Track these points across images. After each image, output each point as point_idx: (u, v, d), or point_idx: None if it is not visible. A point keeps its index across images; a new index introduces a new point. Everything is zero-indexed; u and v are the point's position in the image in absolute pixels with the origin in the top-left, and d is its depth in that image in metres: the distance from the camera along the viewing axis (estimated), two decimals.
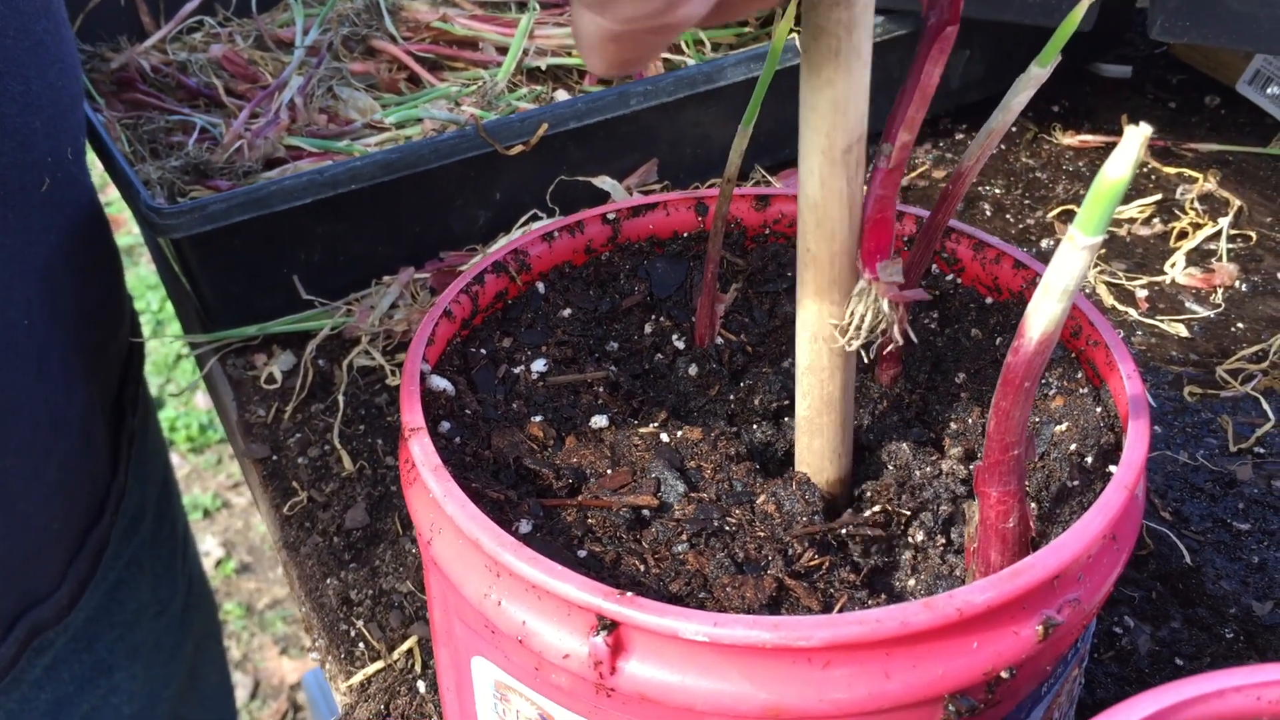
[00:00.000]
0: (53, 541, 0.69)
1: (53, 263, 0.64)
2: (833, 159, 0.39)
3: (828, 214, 0.40)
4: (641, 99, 0.81)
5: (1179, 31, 0.79)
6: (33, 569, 0.68)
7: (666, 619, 0.34)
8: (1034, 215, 0.86)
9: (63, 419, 0.67)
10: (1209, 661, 0.55)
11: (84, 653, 0.73)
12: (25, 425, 0.63)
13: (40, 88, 0.59)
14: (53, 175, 0.62)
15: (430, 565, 0.42)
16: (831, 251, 0.41)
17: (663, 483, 0.44)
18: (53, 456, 0.66)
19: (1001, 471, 0.38)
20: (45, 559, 0.69)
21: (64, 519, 0.70)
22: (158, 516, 0.81)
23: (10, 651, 0.67)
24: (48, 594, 0.70)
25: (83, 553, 0.72)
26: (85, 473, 0.72)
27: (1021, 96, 0.37)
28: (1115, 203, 0.31)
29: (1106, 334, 0.44)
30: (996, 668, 0.35)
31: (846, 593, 0.39)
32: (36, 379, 0.63)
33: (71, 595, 0.71)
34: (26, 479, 0.64)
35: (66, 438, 0.68)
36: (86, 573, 0.73)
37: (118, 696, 0.77)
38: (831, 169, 0.39)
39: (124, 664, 0.77)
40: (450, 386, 0.46)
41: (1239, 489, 0.63)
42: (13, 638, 0.67)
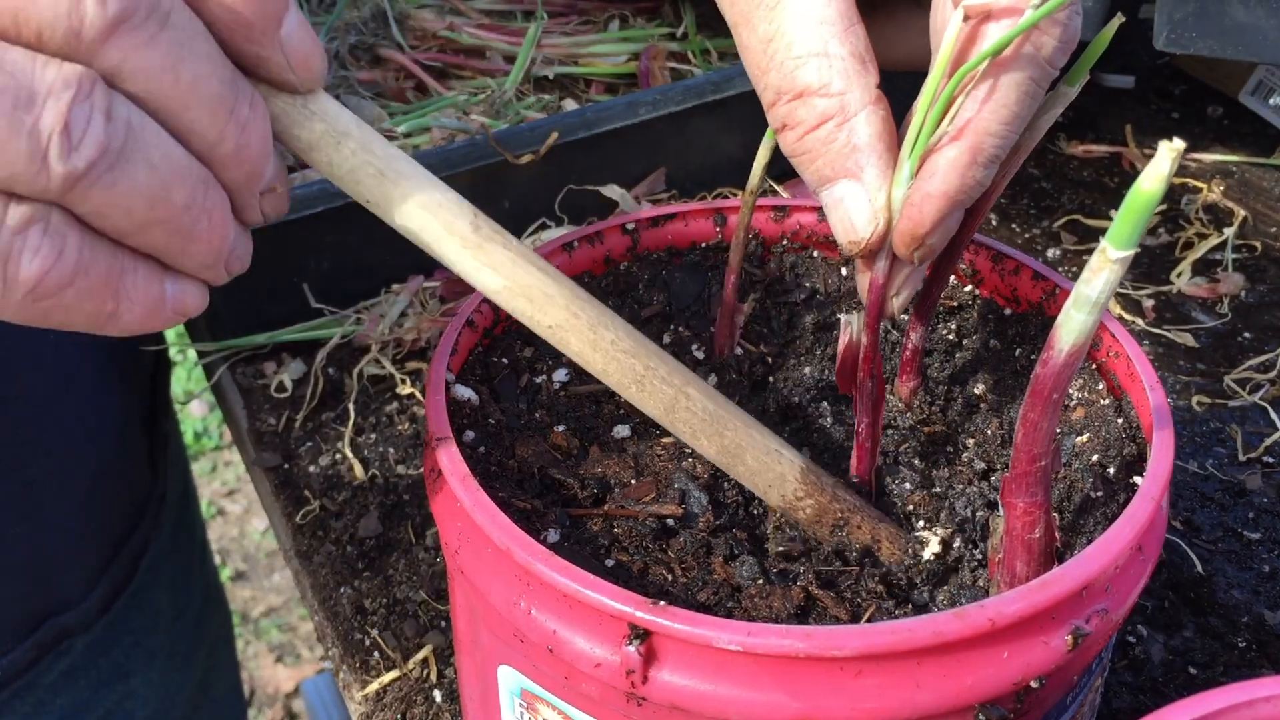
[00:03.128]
0: (84, 548, 0.69)
1: None
2: None
3: None
4: (650, 108, 0.81)
5: (1185, 42, 0.79)
6: (60, 575, 0.68)
7: (701, 628, 0.34)
8: (1040, 225, 0.86)
9: (96, 427, 0.67)
10: (1222, 670, 0.55)
11: (101, 658, 0.73)
12: (53, 434, 0.63)
13: None
14: None
15: (456, 574, 0.42)
16: None
17: (687, 493, 0.44)
18: (85, 465, 0.66)
19: (1028, 482, 0.38)
20: (75, 565, 0.69)
21: (98, 525, 0.70)
22: (176, 522, 0.81)
23: (29, 655, 0.67)
24: (76, 600, 0.70)
25: (119, 558, 0.72)
26: (122, 480, 0.72)
27: (1050, 114, 0.38)
28: (1148, 216, 0.31)
29: (1128, 345, 0.44)
30: (1026, 678, 0.35)
31: (874, 602, 0.40)
32: (65, 389, 0.63)
33: (103, 602, 0.71)
34: (55, 488, 0.64)
35: (100, 446, 0.68)
36: (122, 578, 0.73)
37: (132, 701, 0.77)
38: None
39: (140, 669, 0.77)
40: (474, 395, 0.46)
41: (1249, 498, 0.63)
42: (33, 641, 0.67)
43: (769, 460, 0.43)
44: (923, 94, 0.38)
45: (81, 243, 0.31)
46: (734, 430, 0.42)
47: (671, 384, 0.41)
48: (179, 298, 0.35)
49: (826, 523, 0.43)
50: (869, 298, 0.41)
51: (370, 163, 0.37)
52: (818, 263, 0.55)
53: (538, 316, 0.40)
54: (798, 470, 0.43)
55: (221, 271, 0.36)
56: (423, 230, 0.38)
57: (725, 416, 0.42)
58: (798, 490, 0.43)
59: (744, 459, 0.42)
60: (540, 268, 0.40)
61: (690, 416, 0.42)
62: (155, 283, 0.34)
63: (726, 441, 0.42)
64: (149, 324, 0.34)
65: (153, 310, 0.34)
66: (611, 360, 0.41)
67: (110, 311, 0.33)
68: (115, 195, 0.31)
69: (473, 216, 0.39)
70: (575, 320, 0.40)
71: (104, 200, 0.31)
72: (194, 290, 0.35)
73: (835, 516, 0.43)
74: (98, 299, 0.32)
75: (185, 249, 0.34)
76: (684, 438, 0.42)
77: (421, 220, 0.38)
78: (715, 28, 1.00)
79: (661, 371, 0.41)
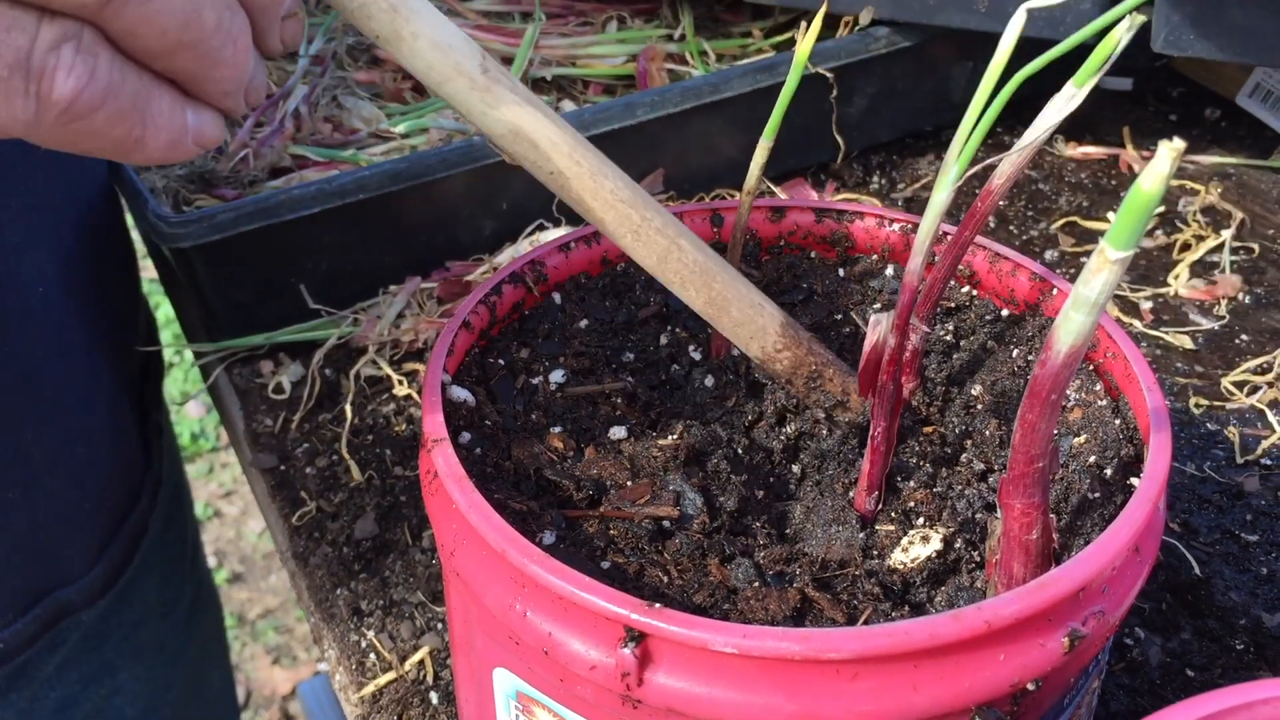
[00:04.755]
0: (84, 522, 0.69)
1: (61, 228, 0.64)
2: None
3: None
4: (648, 109, 0.81)
5: (1183, 45, 0.79)
6: (62, 548, 0.68)
7: (696, 631, 0.34)
8: (1037, 227, 0.86)
9: (89, 397, 0.67)
10: (1220, 673, 0.55)
11: (93, 652, 0.73)
12: (47, 397, 0.63)
13: None
14: None
15: (451, 576, 0.42)
16: None
17: (682, 495, 0.44)
18: (80, 434, 0.66)
19: (1026, 484, 0.38)
20: (76, 539, 0.69)
21: (97, 501, 0.70)
22: (167, 519, 0.81)
23: (31, 630, 0.68)
24: (78, 576, 0.70)
25: (118, 537, 0.73)
26: (117, 456, 0.72)
27: (1055, 116, 0.38)
28: (1148, 216, 0.31)
29: (1125, 347, 0.44)
30: (1023, 680, 0.35)
31: (871, 604, 0.39)
32: (57, 351, 0.63)
33: (104, 581, 0.72)
34: (51, 454, 0.64)
35: (94, 417, 0.68)
36: (122, 558, 0.73)
37: (120, 697, 0.77)
38: None
39: (128, 664, 0.77)
40: (470, 397, 0.46)
41: (1247, 500, 0.63)
42: (34, 615, 0.67)
43: (752, 313, 0.44)
44: (977, 96, 0.37)
45: (112, 63, 0.32)
46: (721, 283, 0.44)
47: (665, 234, 0.43)
48: (199, 128, 0.35)
49: (802, 374, 0.45)
50: (902, 299, 0.41)
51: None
52: (815, 263, 0.54)
53: (540, 162, 0.41)
54: (778, 324, 0.45)
55: (241, 101, 0.36)
56: (430, 68, 0.38)
57: (714, 269, 0.43)
58: (777, 343, 0.45)
59: (729, 310, 0.44)
60: (545, 113, 0.41)
61: (681, 267, 0.43)
62: (179, 110, 0.34)
63: (714, 293, 0.44)
64: (171, 153, 0.34)
65: (176, 138, 0.34)
66: (609, 209, 0.42)
67: (137, 137, 0.33)
68: (149, 13, 0.31)
69: (481, 59, 0.39)
70: (577, 168, 0.41)
71: (138, 18, 0.31)
72: (213, 120, 0.35)
73: (810, 369, 0.45)
74: (126, 123, 0.33)
75: (210, 74, 0.34)
76: (673, 288, 0.44)
77: (431, 58, 0.38)
78: (713, 29, 1.00)
79: (656, 222, 0.42)
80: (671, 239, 0.43)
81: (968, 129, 0.37)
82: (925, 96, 0.94)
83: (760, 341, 0.44)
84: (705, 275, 0.43)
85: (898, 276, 0.53)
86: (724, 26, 1.00)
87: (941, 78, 0.94)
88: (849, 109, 0.90)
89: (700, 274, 0.43)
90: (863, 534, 0.43)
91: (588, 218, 0.42)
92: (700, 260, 0.43)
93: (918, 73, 0.92)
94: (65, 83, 0.31)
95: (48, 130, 0.32)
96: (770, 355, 0.44)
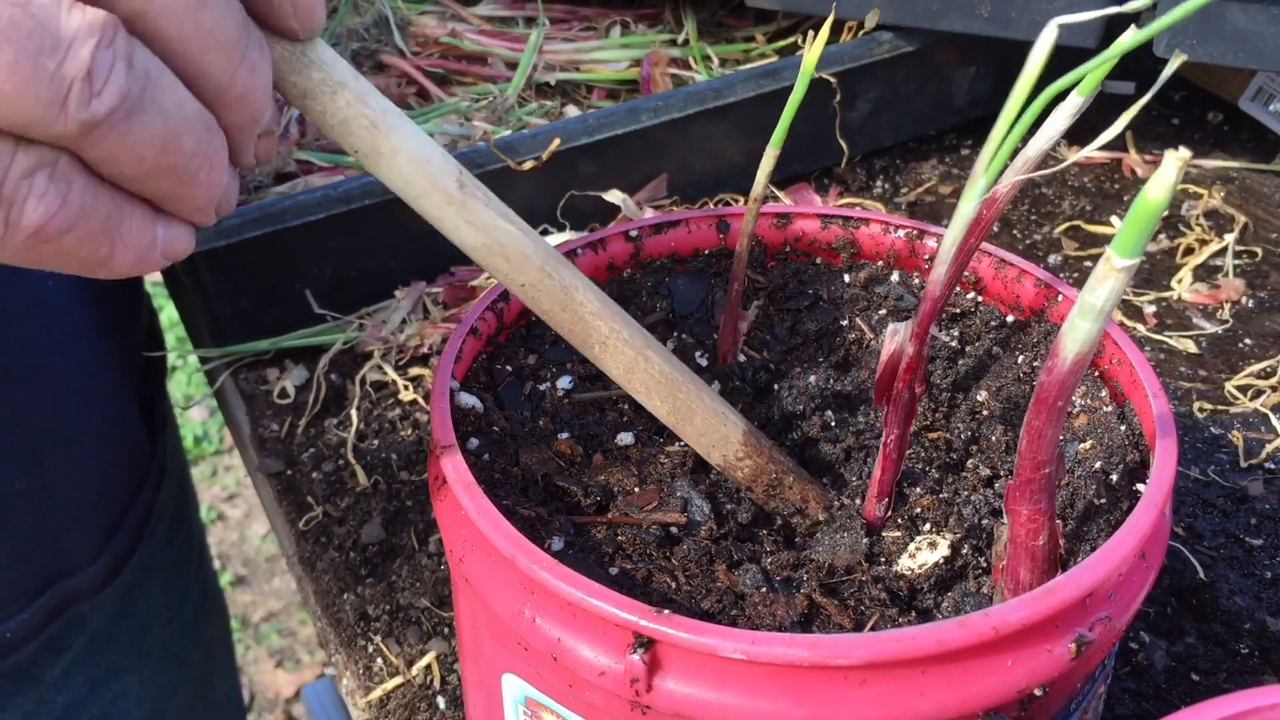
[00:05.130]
0: (89, 511, 0.70)
1: None
2: None
3: None
4: (652, 114, 0.81)
5: (1184, 49, 0.79)
6: (67, 537, 0.68)
7: (705, 637, 0.34)
8: (1040, 231, 0.87)
9: (95, 385, 0.68)
10: (1224, 677, 0.55)
11: (100, 655, 0.74)
12: (55, 385, 0.63)
13: None
14: None
15: (460, 582, 0.42)
16: None
17: (689, 501, 0.44)
18: (86, 422, 0.67)
19: (1032, 490, 0.38)
20: (81, 528, 0.69)
21: (102, 489, 0.70)
22: (173, 521, 0.81)
23: (37, 619, 0.68)
24: (83, 564, 0.70)
25: (123, 526, 0.73)
26: (122, 444, 0.72)
27: (1060, 124, 0.38)
28: (1154, 224, 0.31)
29: (1130, 353, 0.44)
30: (1030, 685, 0.36)
31: (878, 610, 0.40)
32: (66, 341, 0.64)
33: (110, 570, 0.72)
34: (58, 442, 0.64)
35: (100, 405, 0.68)
36: (127, 547, 0.73)
37: (127, 701, 0.77)
38: None
39: (134, 667, 0.77)
40: (478, 403, 0.46)
41: (1251, 504, 0.63)
42: (39, 605, 0.67)
43: (715, 422, 0.45)
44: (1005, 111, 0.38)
45: (85, 188, 0.32)
46: (686, 393, 0.44)
47: (633, 346, 0.43)
48: (169, 242, 0.35)
49: (762, 482, 0.45)
50: (923, 308, 0.42)
51: (364, 114, 0.37)
52: (820, 270, 0.55)
53: (513, 275, 0.41)
54: (740, 433, 0.45)
55: (212, 215, 0.36)
56: (408, 184, 0.39)
57: (679, 380, 0.44)
58: (739, 451, 0.45)
59: (693, 420, 0.44)
60: (519, 228, 0.41)
61: (647, 378, 0.43)
62: (149, 227, 0.34)
63: (678, 403, 0.44)
64: (139, 268, 0.35)
65: (144, 254, 0.34)
66: (579, 321, 0.42)
67: (104, 256, 0.33)
68: (128, 142, 0.31)
69: (459, 174, 0.40)
70: (548, 281, 0.41)
71: (116, 147, 0.31)
72: (184, 234, 0.35)
73: (770, 477, 0.45)
74: (94, 244, 0.33)
75: (185, 194, 0.34)
76: (639, 397, 0.44)
77: (408, 174, 0.39)
78: (716, 34, 1.00)
79: (624, 334, 0.43)
80: (639, 350, 0.43)
81: (997, 141, 0.37)
82: (928, 101, 0.94)
83: (722, 450, 0.45)
84: (670, 385, 0.43)
85: (903, 283, 0.54)
86: (727, 31, 1.00)
87: (944, 82, 0.94)
88: (852, 113, 0.90)
89: (666, 384, 0.43)
90: (869, 540, 0.43)
91: (558, 329, 0.43)
92: (666, 371, 0.43)
93: (921, 77, 0.92)
94: (35, 209, 0.31)
95: (14, 252, 0.32)
96: (732, 463, 0.45)
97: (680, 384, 0.44)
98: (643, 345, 0.43)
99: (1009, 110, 0.37)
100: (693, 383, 0.44)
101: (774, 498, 0.45)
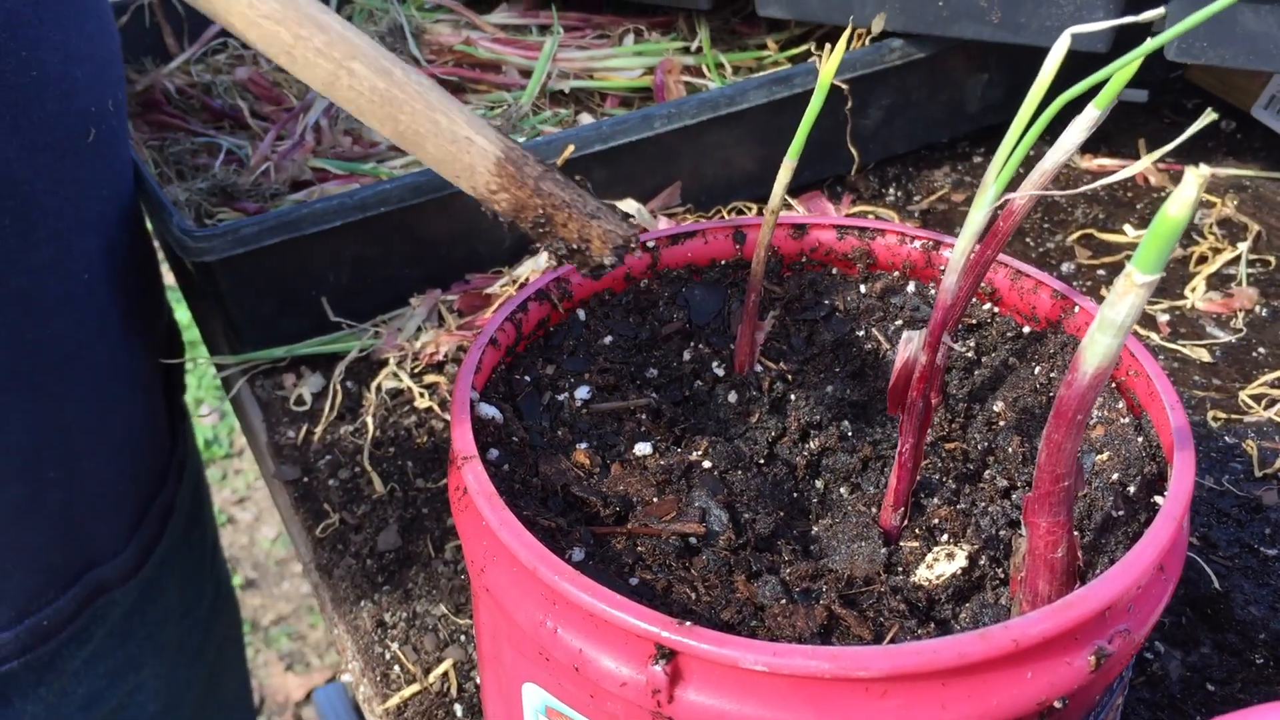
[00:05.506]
0: (118, 500, 0.72)
1: (107, 215, 0.66)
2: None
3: None
4: (665, 121, 0.81)
5: (1196, 52, 0.79)
6: (98, 527, 0.70)
7: (726, 649, 0.35)
8: (1054, 239, 0.87)
9: (126, 377, 0.70)
10: (1240, 687, 0.55)
11: (119, 648, 0.75)
12: (88, 378, 0.65)
13: (79, 39, 0.61)
14: (97, 126, 0.63)
15: (481, 592, 0.42)
16: None
17: (707, 511, 0.44)
18: (118, 414, 0.69)
19: (1052, 502, 0.38)
20: (110, 518, 0.71)
21: (130, 479, 0.72)
22: (189, 518, 0.83)
23: (70, 607, 0.70)
24: (112, 554, 0.72)
25: (148, 517, 0.75)
26: (150, 437, 0.74)
27: (1077, 137, 0.38)
28: (1174, 241, 0.31)
29: (1148, 364, 0.45)
30: (1050, 698, 0.36)
31: (897, 622, 0.40)
32: (98, 333, 0.66)
33: (137, 559, 0.74)
34: (91, 433, 0.66)
35: (131, 397, 0.70)
36: (151, 538, 0.75)
37: (143, 694, 0.78)
38: None
39: (150, 662, 0.78)
40: (497, 413, 0.46)
41: (1265, 514, 0.63)
42: (73, 594, 0.69)
43: (455, 150, 0.39)
44: (1016, 120, 0.38)
45: None
46: (410, 114, 0.39)
47: (329, 58, 0.38)
48: None
49: (527, 218, 0.41)
50: (935, 316, 0.42)
51: None
52: (836, 280, 0.55)
53: None
54: (491, 161, 0.40)
55: None
56: None
57: (401, 98, 0.38)
58: (490, 183, 0.40)
59: (425, 146, 0.39)
60: None
61: (355, 95, 0.38)
62: None
63: (402, 126, 0.39)
64: None
65: None
66: (252, 26, 0.37)
67: None
68: None
69: None
70: None
71: None
72: None
73: (535, 213, 0.40)
74: None
75: None
76: (356, 116, 0.39)
77: None
78: (729, 42, 1.00)
79: (316, 42, 0.37)
80: (338, 62, 0.37)
81: (1008, 150, 0.37)
82: (940, 108, 0.94)
83: (470, 180, 0.39)
84: (389, 105, 0.38)
85: (919, 293, 0.54)
86: (740, 39, 1.01)
87: (956, 89, 0.94)
88: (864, 121, 0.90)
89: (382, 104, 0.38)
90: (887, 550, 0.44)
91: (238, 37, 0.38)
92: (380, 87, 0.38)
93: (932, 85, 0.92)
94: None
95: None
96: (484, 195, 0.40)
97: (401, 103, 0.38)
98: (344, 56, 0.37)
99: (1020, 119, 0.37)
100: (425, 99, 0.38)
101: (544, 234, 0.41)
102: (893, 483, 0.44)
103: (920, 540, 0.44)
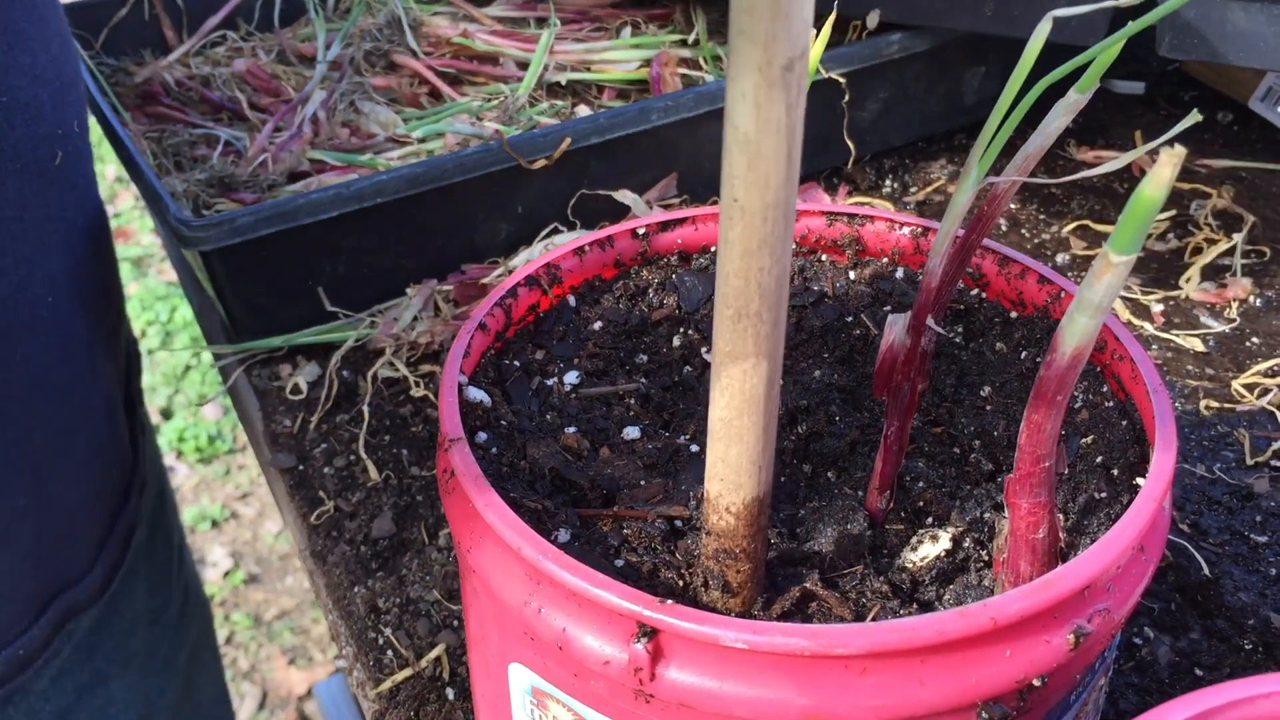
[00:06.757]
0: (85, 522, 0.70)
1: (71, 237, 0.65)
2: (771, 78, 0.30)
3: (761, 152, 0.31)
4: (662, 114, 0.82)
5: (1187, 49, 0.80)
6: (66, 550, 0.69)
7: (707, 626, 0.35)
8: (1049, 230, 0.87)
9: (89, 397, 0.68)
10: (1228, 672, 0.56)
11: (85, 663, 0.73)
12: (53, 400, 0.64)
13: (46, 61, 0.60)
14: (63, 148, 0.63)
15: (468, 573, 0.43)
16: (765, 203, 0.32)
17: (694, 494, 0.44)
18: (81, 434, 0.67)
19: (1032, 483, 0.38)
20: (78, 540, 0.70)
21: (95, 499, 0.71)
22: (153, 525, 0.81)
23: (44, 634, 0.68)
24: (80, 576, 0.71)
25: (113, 536, 0.73)
26: (113, 454, 0.73)
27: (1060, 121, 0.38)
28: (1150, 221, 0.32)
29: (1132, 349, 0.45)
30: (1029, 676, 0.36)
31: (879, 602, 0.40)
32: (62, 357, 0.64)
33: (105, 576, 0.72)
34: (56, 455, 0.65)
35: (93, 416, 0.69)
36: (117, 557, 0.74)
37: (114, 707, 0.77)
38: (769, 91, 0.30)
39: (119, 673, 0.77)
40: (486, 398, 0.47)
41: (1256, 502, 0.63)
42: (46, 619, 0.68)
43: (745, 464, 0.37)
44: (1000, 101, 0.38)
45: None
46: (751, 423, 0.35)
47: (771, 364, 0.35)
48: None
49: (722, 545, 0.39)
50: (919, 298, 0.42)
51: None
52: (825, 266, 0.55)
53: None
54: (751, 497, 0.38)
55: None
56: None
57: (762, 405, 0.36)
58: (733, 506, 0.39)
59: (731, 447, 0.37)
60: None
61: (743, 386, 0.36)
62: None
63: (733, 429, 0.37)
64: None
65: None
66: None
67: None
68: None
69: None
70: None
71: None
72: None
73: (731, 547, 0.39)
74: None
75: None
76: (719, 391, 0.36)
77: None
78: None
79: None
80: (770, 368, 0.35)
81: (990, 133, 0.38)
82: (938, 101, 0.94)
83: (719, 490, 0.38)
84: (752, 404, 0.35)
85: (908, 280, 0.54)
86: None
87: (954, 82, 0.94)
88: (862, 113, 0.90)
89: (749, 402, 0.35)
90: (872, 533, 0.44)
91: None
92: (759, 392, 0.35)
93: (930, 77, 0.92)
94: None
95: None
96: (716, 507, 0.39)
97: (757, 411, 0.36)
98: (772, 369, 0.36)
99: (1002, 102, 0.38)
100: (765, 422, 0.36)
101: (716, 561, 0.39)
102: (878, 465, 0.44)
103: (905, 523, 0.44)
